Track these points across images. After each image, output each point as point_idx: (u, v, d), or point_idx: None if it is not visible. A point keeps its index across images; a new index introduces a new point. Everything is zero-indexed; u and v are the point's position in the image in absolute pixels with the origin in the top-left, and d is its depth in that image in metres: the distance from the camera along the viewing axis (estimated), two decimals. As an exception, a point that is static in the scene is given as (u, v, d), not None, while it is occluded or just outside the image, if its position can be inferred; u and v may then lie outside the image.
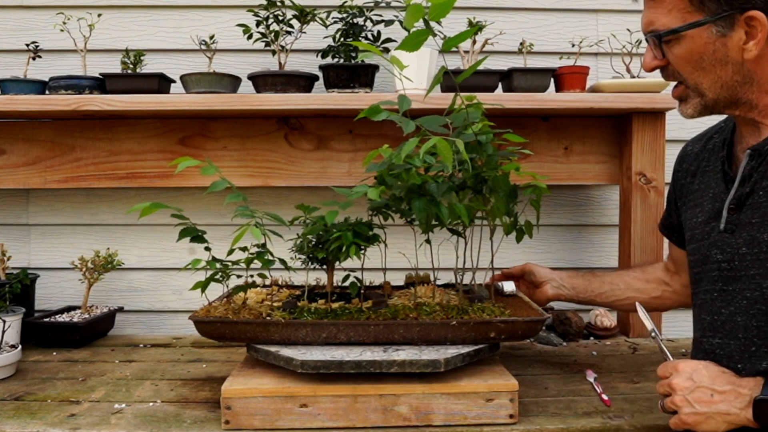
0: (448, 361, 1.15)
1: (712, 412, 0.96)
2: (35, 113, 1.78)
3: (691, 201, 1.18)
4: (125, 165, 1.91)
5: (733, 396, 0.96)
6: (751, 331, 0.99)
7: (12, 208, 2.02)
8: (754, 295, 0.99)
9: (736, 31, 0.96)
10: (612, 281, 1.48)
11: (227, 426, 1.15)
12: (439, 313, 1.25)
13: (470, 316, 1.24)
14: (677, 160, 1.28)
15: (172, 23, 1.98)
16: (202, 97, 1.72)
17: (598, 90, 1.80)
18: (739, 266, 1.02)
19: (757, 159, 1.01)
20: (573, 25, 2.03)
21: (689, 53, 1.00)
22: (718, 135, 1.17)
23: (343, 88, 1.77)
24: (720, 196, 1.08)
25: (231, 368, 1.33)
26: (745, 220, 1.02)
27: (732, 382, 0.98)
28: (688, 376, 1.00)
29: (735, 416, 0.95)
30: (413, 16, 0.99)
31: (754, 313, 0.99)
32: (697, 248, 1.12)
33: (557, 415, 1.21)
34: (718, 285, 1.06)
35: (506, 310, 1.30)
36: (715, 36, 0.97)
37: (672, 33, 0.99)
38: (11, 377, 1.47)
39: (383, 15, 1.84)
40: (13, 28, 1.98)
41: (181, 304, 2.03)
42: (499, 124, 1.18)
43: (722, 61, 0.99)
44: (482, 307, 1.30)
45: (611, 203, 2.06)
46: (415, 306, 1.30)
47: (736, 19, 0.95)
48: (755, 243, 0.99)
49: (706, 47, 0.98)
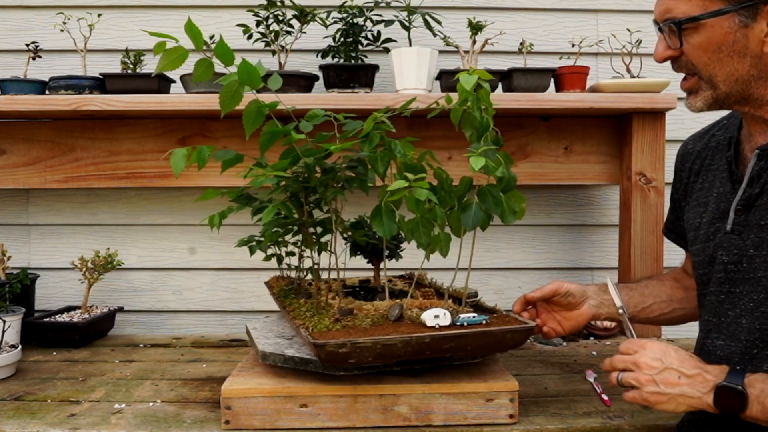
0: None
1: (675, 393, 0.98)
2: (35, 113, 1.78)
3: (694, 200, 1.16)
4: (125, 165, 1.91)
5: (699, 380, 0.97)
6: (754, 334, 0.99)
7: (12, 208, 2.02)
8: (760, 297, 0.98)
9: (759, 22, 0.93)
10: (653, 293, 1.33)
11: (227, 426, 1.15)
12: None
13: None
14: (678, 159, 1.25)
15: (172, 23, 1.98)
16: (202, 97, 1.72)
17: (598, 90, 1.80)
18: (747, 268, 1.00)
19: (767, 159, 0.99)
20: (573, 25, 2.03)
21: (707, 43, 0.96)
22: (722, 132, 1.15)
23: (343, 88, 1.77)
24: (726, 197, 1.06)
25: (231, 368, 1.33)
26: (754, 221, 1.00)
27: (699, 366, 0.99)
28: (657, 357, 1.01)
29: (697, 400, 0.97)
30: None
31: (758, 315, 0.98)
32: (702, 249, 1.10)
33: (557, 415, 1.21)
34: (725, 287, 1.04)
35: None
36: (737, 26, 0.94)
37: (693, 20, 0.96)
38: (11, 377, 1.47)
39: (383, 15, 1.84)
40: (13, 28, 1.98)
41: (181, 304, 2.03)
42: (499, 124, 1.18)
43: (741, 53, 0.96)
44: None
45: (611, 203, 2.06)
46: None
47: (759, 9, 0.93)
48: (764, 245, 0.98)
49: (726, 37, 0.95)
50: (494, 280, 2.06)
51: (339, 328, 1.15)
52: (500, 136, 1.17)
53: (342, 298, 1.40)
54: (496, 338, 1.14)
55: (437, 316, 1.13)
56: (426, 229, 1.11)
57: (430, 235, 1.12)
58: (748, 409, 0.93)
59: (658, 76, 1.80)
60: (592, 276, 2.07)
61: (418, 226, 1.11)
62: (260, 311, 2.00)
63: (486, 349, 1.18)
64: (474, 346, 1.14)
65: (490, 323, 1.15)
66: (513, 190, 1.15)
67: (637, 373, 1.01)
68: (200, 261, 2.03)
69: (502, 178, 1.13)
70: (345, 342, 1.07)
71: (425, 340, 1.10)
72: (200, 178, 1.87)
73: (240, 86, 1.07)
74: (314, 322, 1.19)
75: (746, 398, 0.93)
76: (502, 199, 1.14)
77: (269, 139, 1.14)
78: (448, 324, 1.13)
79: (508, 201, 1.14)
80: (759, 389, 0.93)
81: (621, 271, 1.93)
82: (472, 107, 1.11)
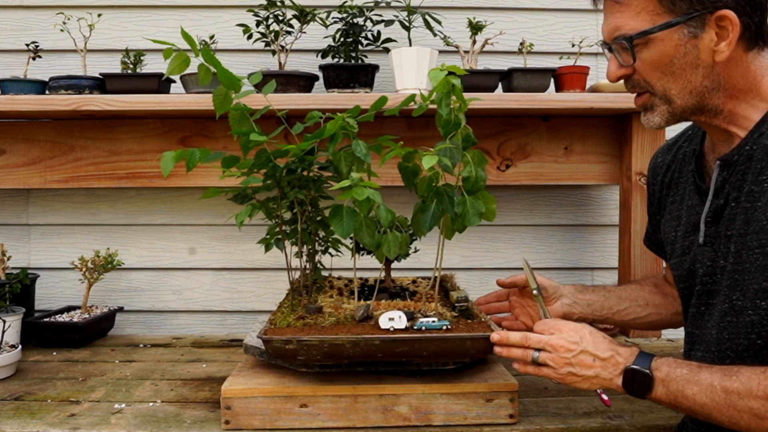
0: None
1: (590, 375, 1.04)
2: (35, 113, 1.78)
3: (668, 214, 1.16)
4: (125, 165, 1.91)
5: (611, 363, 1.03)
6: (724, 344, 0.98)
7: (12, 208, 2.01)
8: (724, 307, 0.98)
9: (707, 31, 0.93)
10: (630, 297, 1.34)
11: (227, 426, 1.15)
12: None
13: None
14: (650, 173, 1.25)
15: (172, 23, 1.98)
16: (202, 97, 1.72)
17: (598, 90, 1.80)
18: (719, 279, 1.01)
19: (728, 170, 0.99)
20: (573, 25, 2.03)
21: (659, 57, 0.96)
22: (687, 144, 1.15)
23: (343, 88, 1.77)
24: (695, 209, 1.06)
25: (231, 368, 1.33)
26: (722, 233, 1.00)
27: (612, 349, 1.04)
28: (573, 340, 1.05)
29: (608, 381, 1.03)
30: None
31: (724, 325, 0.98)
32: (680, 263, 1.10)
33: (557, 415, 1.21)
34: (703, 299, 1.05)
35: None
36: (687, 37, 0.94)
37: (643, 35, 0.95)
38: (11, 377, 1.47)
39: (383, 15, 1.84)
40: (13, 28, 1.98)
41: (181, 304, 2.03)
42: (499, 123, 1.18)
43: (693, 65, 0.96)
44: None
45: (611, 203, 2.06)
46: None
47: (707, 19, 0.93)
48: (730, 255, 0.98)
49: (677, 50, 0.95)
50: (494, 280, 2.05)
51: (299, 325, 1.16)
52: (472, 134, 1.14)
53: (342, 297, 1.40)
54: (453, 345, 1.12)
55: (392, 318, 1.12)
56: (370, 229, 1.11)
57: (374, 235, 1.12)
58: (653, 392, 0.98)
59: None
60: (592, 276, 2.07)
61: (362, 227, 1.11)
62: (260, 311, 2.00)
63: (445, 355, 1.15)
64: (430, 352, 1.12)
65: (450, 329, 1.13)
66: (480, 190, 1.14)
67: (554, 355, 1.06)
68: (200, 261, 2.03)
69: (468, 177, 1.12)
70: (291, 339, 1.09)
71: (375, 342, 1.10)
72: (200, 178, 1.87)
73: (228, 90, 1.13)
74: (280, 317, 1.21)
75: (652, 380, 0.97)
76: (463, 199, 1.12)
77: (247, 142, 1.17)
78: (403, 327, 1.11)
79: (474, 202, 1.12)
80: (665, 372, 0.97)
81: (621, 271, 1.93)
82: (438, 104, 1.10)
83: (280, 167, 1.20)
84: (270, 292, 2.02)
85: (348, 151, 1.19)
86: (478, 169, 1.13)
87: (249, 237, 1.97)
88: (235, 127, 1.17)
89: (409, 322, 1.12)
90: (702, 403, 0.92)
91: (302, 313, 1.23)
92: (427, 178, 1.14)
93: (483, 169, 1.14)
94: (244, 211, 1.19)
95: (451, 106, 1.10)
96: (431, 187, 1.14)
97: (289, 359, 1.14)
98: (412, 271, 1.79)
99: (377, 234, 1.13)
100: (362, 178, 1.09)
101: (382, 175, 1.56)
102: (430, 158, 1.04)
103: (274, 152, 1.18)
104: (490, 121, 1.90)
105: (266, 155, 1.19)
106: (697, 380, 0.94)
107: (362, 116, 1.20)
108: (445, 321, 1.13)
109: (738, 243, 0.96)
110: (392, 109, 1.22)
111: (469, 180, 1.12)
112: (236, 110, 1.16)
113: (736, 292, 0.96)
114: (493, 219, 1.16)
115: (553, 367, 1.06)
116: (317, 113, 1.22)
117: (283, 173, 1.21)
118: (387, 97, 1.24)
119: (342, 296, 1.41)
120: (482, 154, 1.15)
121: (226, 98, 1.15)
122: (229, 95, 1.14)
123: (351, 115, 1.17)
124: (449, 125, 1.11)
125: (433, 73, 1.08)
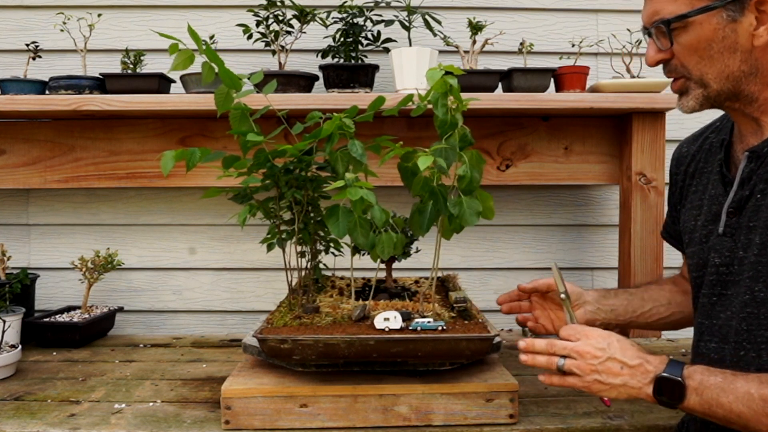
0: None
1: (617, 383, 0.99)
2: (35, 113, 1.78)
3: (689, 203, 1.16)
4: (125, 165, 1.91)
5: (640, 371, 0.99)
6: (742, 335, 0.98)
7: (12, 208, 2.02)
8: (745, 298, 0.98)
9: (746, 15, 0.94)
10: (652, 297, 1.32)
11: (227, 426, 1.15)
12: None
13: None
14: (673, 162, 1.25)
15: (172, 23, 1.98)
16: (202, 97, 1.72)
17: (598, 90, 1.80)
18: (737, 270, 1.00)
19: (756, 161, 0.99)
20: (573, 25, 2.03)
21: (697, 41, 0.96)
22: (715, 135, 1.15)
23: (343, 88, 1.77)
24: (718, 199, 1.06)
25: (231, 368, 1.33)
26: (744, 224, 1.00)
27: (641, 356, 1.00)
28: (600, 347, 1.01)
29: (637, 390, 0.99)
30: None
31: (744, 316, 0.98)
32: (696, 252, 1.10)
33: (557, 415, 1.21)
34: (716, 289, 1.04)
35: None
36: (725, 21, 0.94)
37: (681, 18, 0.96)
38: (11, 377, 1.47)
39: (383, 15, 1.84)
40: (13, 28, 1.98)
41: (181, 304, 2.03)
42: (499, 124, 1.17)
43: (731, 49, 0.96)
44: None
45: (611, 203, 2.06)
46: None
47: (746, 3, 0.93)
48: (752, 246, 0.98)
49: (716, 33, 0.95)
50: (494, 280, 2.06)
51: (295, 325, 1.16)
52: (470, 134, 1.14)
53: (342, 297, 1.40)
54: (449, 346, 1.12)
55: (387, 318, 1.12)
56: (364, 229, 1.11)
57: (368, 235, 1.12)
58: (686, 401, 0.94)
59: (658, 76, 1.79)
60: (592, 276, 2.07)
61: (356, 227, 1.11)
62: (260, 311, 2.00)
63: (440, 356, 1.15)
64: (425, 353, 1.12)
65: (445, 330, 1.12)
66: (476, 190, 1.14)
67: (580, 362, 1.02)
68: (200, 261, 2.03)
69: (463, 177, 1.11)
70: (286, 338, 1.09)
71: (369, 342, 1.09)
72: (200, 178, 1.87)
73: (229, 90, 1.13)
74: (277, 317, 1.22)
75: (684, 389, 0.94)
76: (459, 200, 1.12)
77: (246, 143, 1.17)
78: (398, 328, 1.11)
79: (470, 201, 1.12)
80: (697, 381, 0.94)
81: (621, 272, 1.93)
82: (435, 105, 1.10)
83: (278, 167, 1.20)
84: (270, 292, 2.02)
85: (344, 152, 1.19)
86: (472, 169, 1.12)
87: (249, 237, 1.97)
88: (235, 126, 1.17)
89: (405, 323, 1.12)
90: (739, 412, 0.90)
91: (299, 313, 1.23)
92: (422, 178, 1.14)
93: (479, 169, 1.14)
94: (243, 210, 1.19)
95: (448, 106, 1.10)
96: (426, 187, 1.14)
97: (284, 359, 1.14)
98: (415, 272, 1.80)
99: (372, 234, 1.13)
100: (357, 178, 1.09)
101: (383, 175, 1.57)
102: (426, 159, 1.04)
103: (272, 152, 1.18)
104: (490, 121, 1.90)
105: (264, 155, 1.19)
106: (733, 388, 0.91)
107: (360, 116, 1.21)
108: (440, 322, 1.13)
109: (763, 234, 0.96)
110: (391, 109, 1.22)
111: (464, 179, 1.12)
112: (237, 110, 1.16)
113: (759, 284, 0.96)
114: (492, 217, 1.16)
115: (579, 375, 1.02)
116: (317, 113, 1.22)
117: (281, 173, 1.21)
118: (385, 97, 1.24)
119: (342, 296, 1.41)
120: (480, 155, 1.15)
121: (228, 97, 1.15)
122: (230, 94, 1.14)
123: (348, 115, 1.17)
124: (445, 125, 1.11)
125: (430, 73, 1.08)
